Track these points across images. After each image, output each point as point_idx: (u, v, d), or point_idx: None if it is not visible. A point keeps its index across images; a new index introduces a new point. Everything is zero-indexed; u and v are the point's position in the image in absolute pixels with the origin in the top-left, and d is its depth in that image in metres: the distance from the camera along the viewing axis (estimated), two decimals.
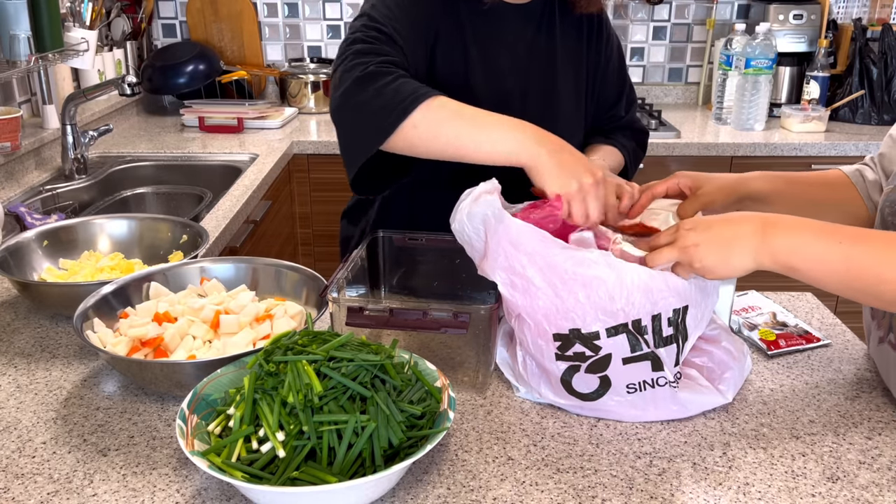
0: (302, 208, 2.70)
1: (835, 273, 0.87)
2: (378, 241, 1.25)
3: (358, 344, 0.91)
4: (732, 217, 0.93)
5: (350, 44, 1.18)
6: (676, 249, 0.93)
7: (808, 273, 0.89)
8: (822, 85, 2.87)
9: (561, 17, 1.34)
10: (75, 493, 0.85)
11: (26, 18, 2.00)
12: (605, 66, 1.41)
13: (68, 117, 2.15)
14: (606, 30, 1.40)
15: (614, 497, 0.85)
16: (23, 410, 1.01)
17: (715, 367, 1.03)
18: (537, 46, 1.32)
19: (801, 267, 0.88)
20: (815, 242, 0.88)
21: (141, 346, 1.06)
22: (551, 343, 0.95)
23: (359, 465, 0.80)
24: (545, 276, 0.94)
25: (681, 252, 0.92)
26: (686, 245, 0.92)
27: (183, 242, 1.45)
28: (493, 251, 0.98)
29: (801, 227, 0.90)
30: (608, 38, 1.40)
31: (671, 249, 0.93)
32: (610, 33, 1.41)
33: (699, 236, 0.91)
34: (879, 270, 0.85)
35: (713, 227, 0.92)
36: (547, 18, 1.33)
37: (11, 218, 1.78)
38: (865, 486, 0.87)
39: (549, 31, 1.33)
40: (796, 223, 0.90)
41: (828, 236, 0.88)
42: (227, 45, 3.13)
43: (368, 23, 1.20)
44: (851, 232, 0.88)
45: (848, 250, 0.86)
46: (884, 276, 0.85)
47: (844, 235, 0.88)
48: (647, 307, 0.94)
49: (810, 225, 0.90)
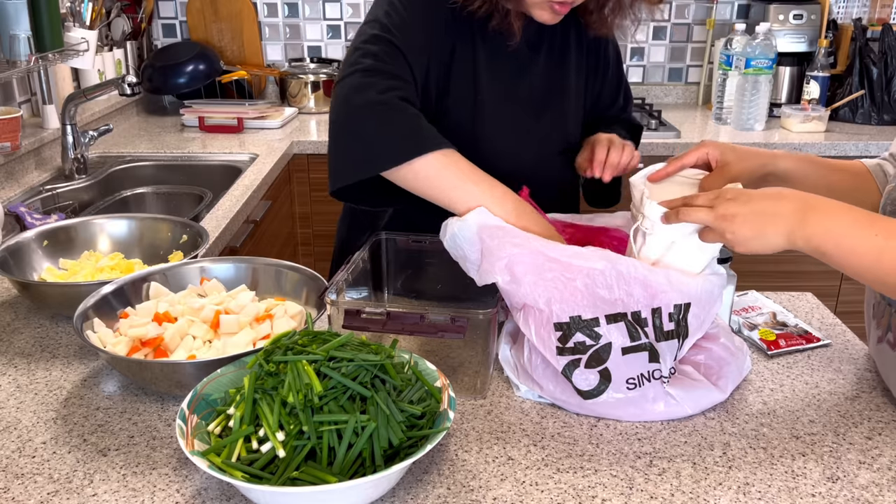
0: (302, 208, 2.70)
1: (866, 263, 0.87)
2: (381, 243, 1.25)
3: (358, 344, 0.91)
4: (773, 192, 0.92)
5: (361, 56, 1.14)
6: (712, 215, 0.93)
7: (839, 259, 0.89)
8: (822, 85, 2.87)
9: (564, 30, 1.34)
10: (75, 493, 0.85)
11: (26, 18, 1.99)
12: (603, 72, 1.41)
13: (68, 117, 2.15)
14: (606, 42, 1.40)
15: (614, 497, 0.85)
16: (23, 410, 1.01)
17: (713, 363, 1.03)
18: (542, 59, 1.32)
19: (834, 253, 0.88)
20: (851, 231, 0.88)
21: (141, 346, 1.06)
22: (553, 334, 0.96)
23: (359, 465, 0.80)
24: (546, 267, 0.97)
25: (716, 219, 0.92)
26: (724, 213, 0.92)
27: (183, 242, 1.45)
28: (492, 249, 1.00)
29: (840, 212, 0.89)
30: (606, 43, 1.40)
31: (707, 212, 0.93)
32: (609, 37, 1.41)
33: (739, 207, 0.91)
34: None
35: (754, 200, 0.92)
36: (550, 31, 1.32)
37: (11, 218, 1.78)
38: (865, 486, 0.87)
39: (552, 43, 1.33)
40: (836, 208, 0.90)
41: (865, 226, 0.88)
42: (227, 45, 3.13)
43: (380, 33, 1.16)
44: (888, 224, 0.88)
45: (883, 242, 0.86)
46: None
47: (881, 227, 0.87)
48: (646, 300, 0.95)
49: (849, 212, 0.89)
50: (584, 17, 1.29)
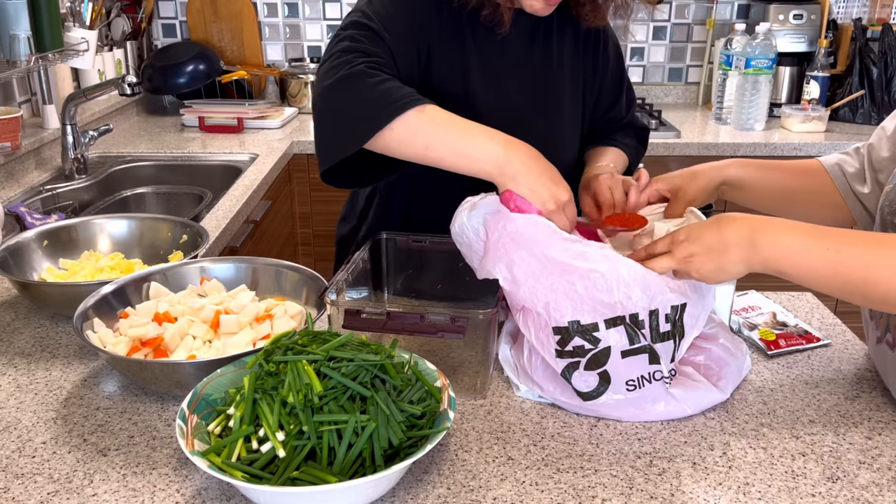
0: (302, 208, 2.70)
1: (823, 276, 0.89)
2: (381, 243, 1.25)
3: (358, 344, 0.91)
4: (721, 223, 0.94)
5: (339, 40, 1.16)
6: (674, 260, 0.96)
7: (797, 276, 0.91)
8: (822, 85, 2.87)
9: (559, 27, 1.34)
10: (75, 493, 0.85)
11: (26, 18, 2.00)
12: (602, 70, 1.40)
13: (68, 117, 2.15)
14: (605, 33, 1.39)
15: (614, 497, 0.85)
16: (23, 410, 1.01)
17: (713, 364, 1.03)
18: (536, 56, 1.32)
19: (790, 271, 0.90)
20: (801, 247, 0.89)
21: (141, 346, 1.06)
22: (551, 338, 0.96)
23: (359, 465, 0.80)
24: (545, 268, 0.96)
25: (678, 262, 0.96)
26: (682, 256, 0.95)
27: (183, 242, 1.45)
28: (494, 247, 0.99)
29: (787, 231, 0.91)
30: (606, 41, 1.39)
31: (669, 259, 0.96)
32: (609, 36, 1.40)
33: (693, 247, 0.94)
34: (866, 272, 0.87)
35: (704, 236, 0.94)
36: (544, 28, 1.32)
37: (11, 218, 1.78)
38: (865, 486, 0.87)
39: (546, 40, 1.33)
40: (782, 228, 0.91)
41: (814, 240, 0.89)
42: (227, 45, 3.13)
43: (360, 19, 1.18)
44: (838, 234, 0.89)
45: (835, 255, 0.88)
46: (870, 278, 0.87)
47: (831, 239, 0.89)
48: (645, 302, 0.95)
49: (796, 229, 0.91)
50: (578, 10, 1.28)
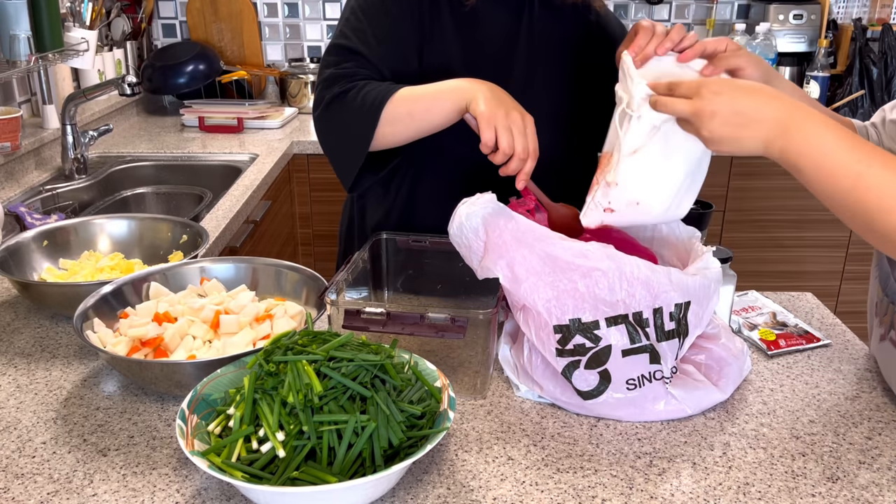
0: (302, 208, 2.70)
1: (840, 187, 0.83)
2: (381, 243, 1.25)
3: (358, 344, 0.91)
4: (763, 94, 0.86)
5: (323, 68, 1.27)
6: (690, 107, 0.88)
7: (813, 179, 0.84)
8: (823, 85, 2.87)
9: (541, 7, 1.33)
10: (75, 493, 0.85)
11: (26, 18, 2.00)
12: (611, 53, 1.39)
13: (68, 117, 2.15)
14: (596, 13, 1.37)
15: (614, 497, 0.85)
16: (23, 410, 1.01)
17: (713, 363, 1.03)
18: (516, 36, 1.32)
19: (809, 171, 0.84)
20: (834, 150, 0.83)
21: (141, 346, 1.06)
22: (552, 336, 0.96)
23: (359, 465, 0.80)
24: (546, 266, 0.96)
25: (694, 112, 0.87)
26: (702, 108, 0.87)
27: (183, 242, 1.45)
28: (494, 246, 1.00)
29: (826, 129, 0.83)
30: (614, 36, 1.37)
31: (685, 104, 0.88)
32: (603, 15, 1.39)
33: (721, 105, 0.86)
34: (884, 199, 0.81)
35: (738, 98, 0.86)
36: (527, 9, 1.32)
37: (11, 218, 1.78)
38: (865, 486, 0.87)
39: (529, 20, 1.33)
40: (823, 123, 0.84)
41: (849, 147, 0.82)
42: (227, 45, 3.13)
43: (337, 41, 1.27)
44: (874, 151, 0.83)
45: (864, 168, 0.81)
46: (886, 206, 0.81)
47: (865, 152, 0.82)
48: (649, 300, 0.95)
49: (836, 129, 0.84)
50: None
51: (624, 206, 1.02)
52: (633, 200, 1.01)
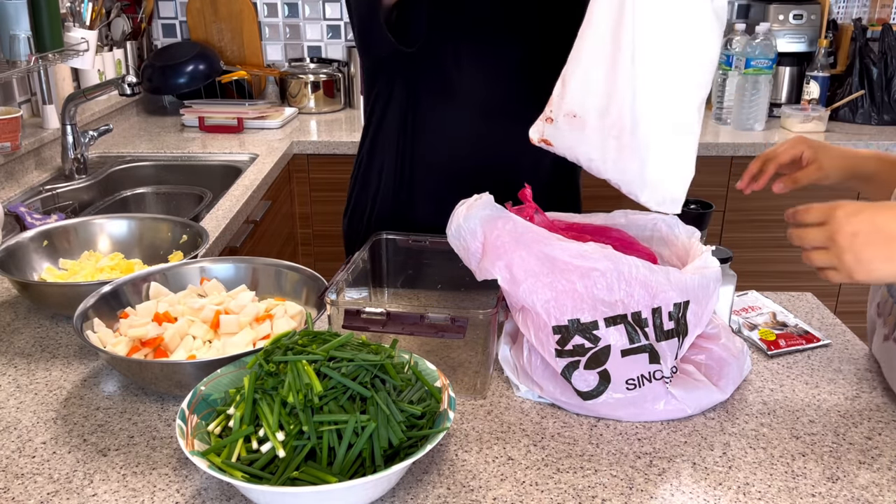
0: (302, 208, 2.70)
1: None
2: (381, 243, 1.25)
3: (358, 344, 0.91)
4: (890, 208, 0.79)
5: None
6: (825, 233, 0.81)
7: None
8: (822, 85, 2.87)
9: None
10: (75, 493, 0.85)
11: (26, 18, 1.99)
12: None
13: (68, 117, 2.14)
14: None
15: (614, 497, 0.85)
16: (23, 410, 1.01)
17: (713, 363, 1.03)
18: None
19: None
20: None
21: (141, 346, 1.06)
22: (551, 337, 0.96)
23: (359, 465, 0.80)
24: (544, 267, 0.97)
25: (830, 239, 0.80)
26: (841, 231, 0.80)
27: (183, 242, 1.45)
28: (492, 247, 1.00)
29: None
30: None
31: (819, 231, 0.82)
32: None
33: (859, 224, 0.79)
34: None
35: (879, 215, 0.78)
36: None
37: (11, 218, 1.78)
38: (865, 486, 0.87)
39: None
40: None
41: None
42: (227, 45, 3.13)
43: None
44: None
45: None
46: None
47: None
48: (647, 300, 0.95)
49: None
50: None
51: (562, 118, 1.01)
52: (570, 112, 1.00)
